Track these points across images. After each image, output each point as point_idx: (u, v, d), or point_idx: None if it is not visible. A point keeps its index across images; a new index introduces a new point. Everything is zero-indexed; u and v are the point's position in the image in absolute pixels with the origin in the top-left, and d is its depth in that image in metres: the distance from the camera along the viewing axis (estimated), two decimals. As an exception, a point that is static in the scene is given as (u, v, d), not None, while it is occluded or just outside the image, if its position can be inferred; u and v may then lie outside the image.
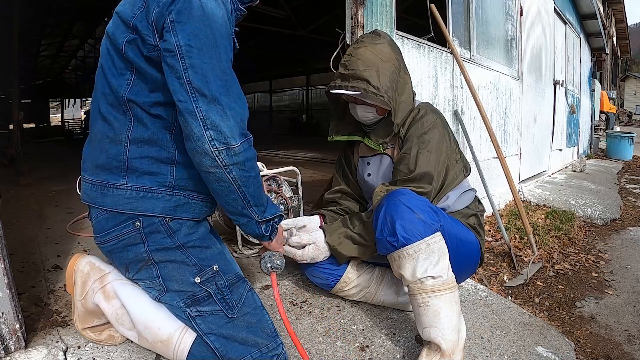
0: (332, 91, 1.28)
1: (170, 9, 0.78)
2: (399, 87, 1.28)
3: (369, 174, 1.41)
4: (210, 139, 0.78)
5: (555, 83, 4.82)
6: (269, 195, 1.68)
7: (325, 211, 1.46)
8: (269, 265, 1.03)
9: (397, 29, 2.04)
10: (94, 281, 0.99)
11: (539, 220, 2.95)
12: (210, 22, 0.78)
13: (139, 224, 0.88)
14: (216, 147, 0.78)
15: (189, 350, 0.90)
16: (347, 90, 1.22)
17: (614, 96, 12.09)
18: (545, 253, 2.38)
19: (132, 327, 0.97)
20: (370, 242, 1.21)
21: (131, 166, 0.87)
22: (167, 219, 0.89)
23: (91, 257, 1.05)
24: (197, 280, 0.90)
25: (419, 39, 2.19)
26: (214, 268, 0.92)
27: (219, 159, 0.79)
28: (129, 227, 0.89)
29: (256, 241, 1.63)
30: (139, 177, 0.87)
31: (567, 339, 1.36)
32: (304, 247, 1.26)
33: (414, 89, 1.37)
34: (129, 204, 0.87)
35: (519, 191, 3.37)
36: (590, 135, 7.62)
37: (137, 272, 0.93)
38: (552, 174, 4.87)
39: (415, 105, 1.34)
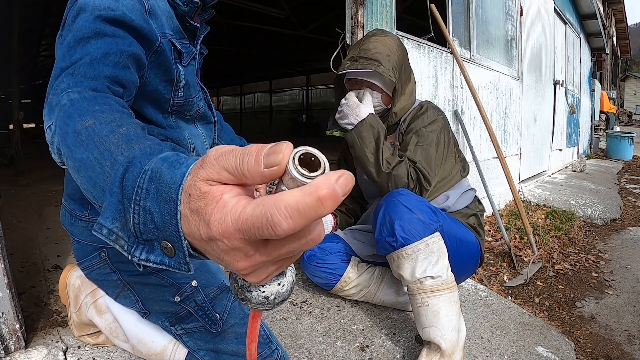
0: (341, 71, 1.30)
1: (63, 25, 0.69)
2: (404, 78, 1.30)
3: (369, 174, 1.41)
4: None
5: (555, 83, 4.82)
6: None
7: (335, 211, 1.47)
8: (253, 294, 0.32)
9: (397, 29, 2.04)
10: (86, 295, 0.99)
11: (539, 220, 2.95)
12: (86, 18, 0.63)
13: (104, 254, 0.86)
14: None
15: None
16: (358, 68, 1.24)
17: (614, 96, 12.09)
18: (545, 253, 2.38)
19: (126, 340, 0.96)
20: (384, 166, 1.20)
21: None
22: None
23: (82, 270, 1.04)
24: (177, 299, 0.87)
25: (419, 39, 2.19)
26: (193, 284, 0.88)
27: (56, 160, 0.53)
28: (97, 258, 0.87)
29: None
30: None
31: (567, 339, 1.36)
32: None
33: (416, 86, 1.39)
34: (92, 236, 0.85)
35: (519, 191, 3.36)
36: (590, 135, 7.61)
37: (117, 297, 0.91)
38: (552, 174, 4.87)
39: (417, 103, 1.35)
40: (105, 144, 0.41)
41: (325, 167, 0.26)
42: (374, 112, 1.26)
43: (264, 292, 0.32)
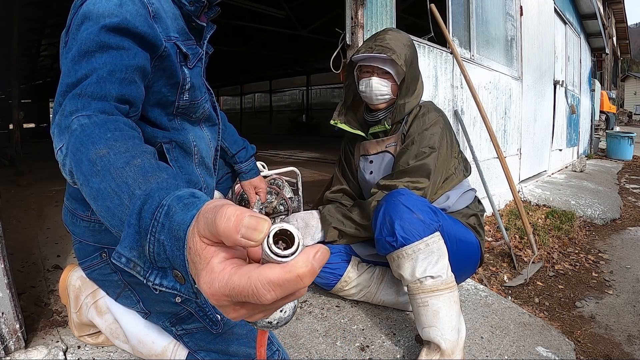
0: (356, 57, 1.32)
1: (67, 30, 0.69)
2: (413, 74, 1.32)
3: (370, 172, 1.41)
4: None
5: (555, 83, 4.82)
6: (268, 197, 1.62)
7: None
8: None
9: (397, 28, 2.04)
10: (86, 296, 0.99)
11: (539, 220, 2.95)
12: (89, 27, 0.63)
13: (105, 255, 0.86)
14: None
15: None
16: (373, 54, 1.27)
17: (614, 96, 12.09)
18: (545, 253, 2.38)
19: (127, 341, 0.96)
20: (364, 223, 1.28)
21: None
22: None
23: (82, 271, 1.04)
24: (178, 299, 0.86)
25: (419, 39, 2.19)
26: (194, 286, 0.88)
27: (68, 180, 0.55)
28: (98, 259, 0.87)
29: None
30: None
31: (567, 339, 1.36)
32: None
33: (423, 89, 1.40)
34: (93, 236, 0.85)
35: (519, 191, 3.36)
36: (590, 135, 7.61)
37: (118, 298, 0.91)
38: (552, 174, 4.87)
39: (419, 103, 1.36)
40: (122, 176, 0.44)
41: (299, 245, 0.29)
42: (316, 215, 1.37)
43: (266, 318, 0.34)
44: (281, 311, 0.35)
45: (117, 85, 0.59)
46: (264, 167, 1.68)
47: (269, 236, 0.28)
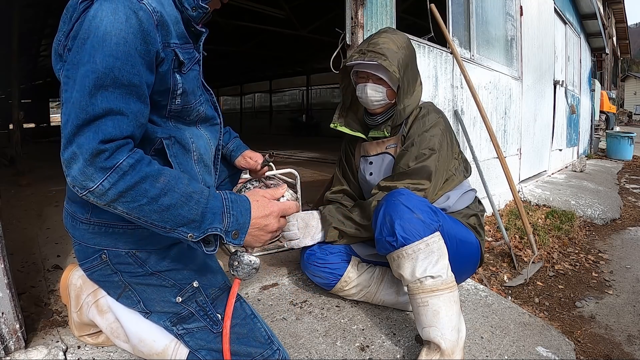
0: (348, 62, 1.32)
1: (67, 34, 0.74)
2: (411, 77, 1.30)
3: (370, 173, 1.41)
4: (72, 185, 0.67)
5: (555, 83, 4.82)
6: None
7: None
8: (245, 258, 0.83)
9: (397, 28, 2.04)
10: (87, 295, 0.99)
11: (539, 220, 2.95)
12: (96, 47, 0.66)
13: (105, 256, 0.87)
14: (81, 193, 0.67)
15: None
16: (364, 60, 1.26)
17: (614, 96, 12.09)
18: (545, 253, 2.38)
19: (127, 340, 0.96)
20: (364, 223, 1.27)
21: None
22: (133, 251, 0.87)
23: (83, 272, 1.03)
24: (179, 299, 0.88)
25: (419, 39, 2.19)
26: (194, 285, 0.90)
27: (95, 201, 0.68)
28: (97, 260, 0.88)
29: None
30: (101, 211, 0.81)
31: (567, 339, 1.36)
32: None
33: (422, 89, 1.39)
34: (93, 239, 0.86)
35: (519, 191, 3.36)
36: (590, 135, 7.61)
37: (119, 298, 0.92)
38: (552, 174, 4.87)
39: (419, 104, 1.35)
40: (186, 192, 0.71)
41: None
42: (317, 215, 1.36)
43: (250, 259, 0.82)
44: (257, 257, 0.83)
45: (131, 127, 0.70)
46: (271, 167, 1.67)
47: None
